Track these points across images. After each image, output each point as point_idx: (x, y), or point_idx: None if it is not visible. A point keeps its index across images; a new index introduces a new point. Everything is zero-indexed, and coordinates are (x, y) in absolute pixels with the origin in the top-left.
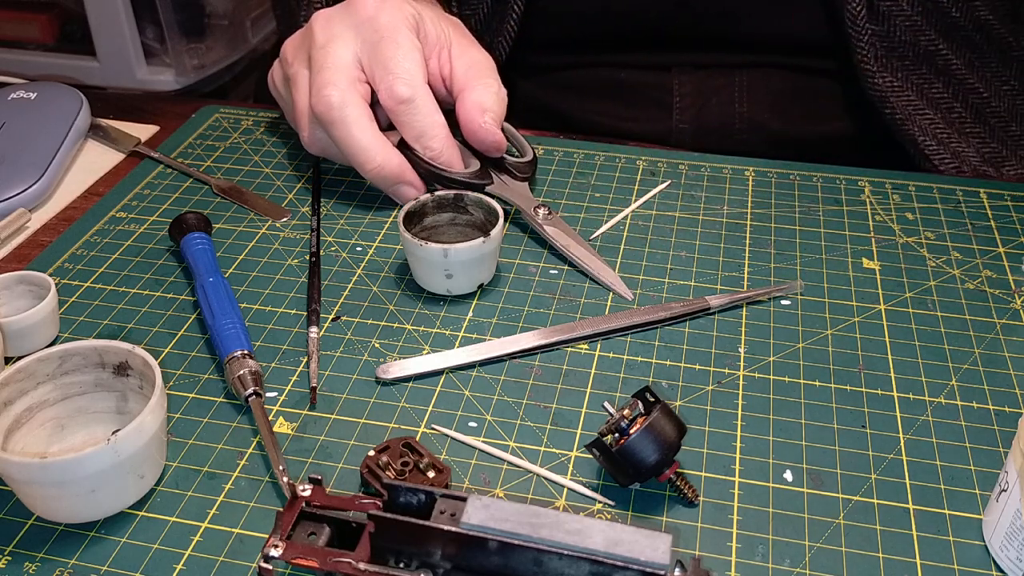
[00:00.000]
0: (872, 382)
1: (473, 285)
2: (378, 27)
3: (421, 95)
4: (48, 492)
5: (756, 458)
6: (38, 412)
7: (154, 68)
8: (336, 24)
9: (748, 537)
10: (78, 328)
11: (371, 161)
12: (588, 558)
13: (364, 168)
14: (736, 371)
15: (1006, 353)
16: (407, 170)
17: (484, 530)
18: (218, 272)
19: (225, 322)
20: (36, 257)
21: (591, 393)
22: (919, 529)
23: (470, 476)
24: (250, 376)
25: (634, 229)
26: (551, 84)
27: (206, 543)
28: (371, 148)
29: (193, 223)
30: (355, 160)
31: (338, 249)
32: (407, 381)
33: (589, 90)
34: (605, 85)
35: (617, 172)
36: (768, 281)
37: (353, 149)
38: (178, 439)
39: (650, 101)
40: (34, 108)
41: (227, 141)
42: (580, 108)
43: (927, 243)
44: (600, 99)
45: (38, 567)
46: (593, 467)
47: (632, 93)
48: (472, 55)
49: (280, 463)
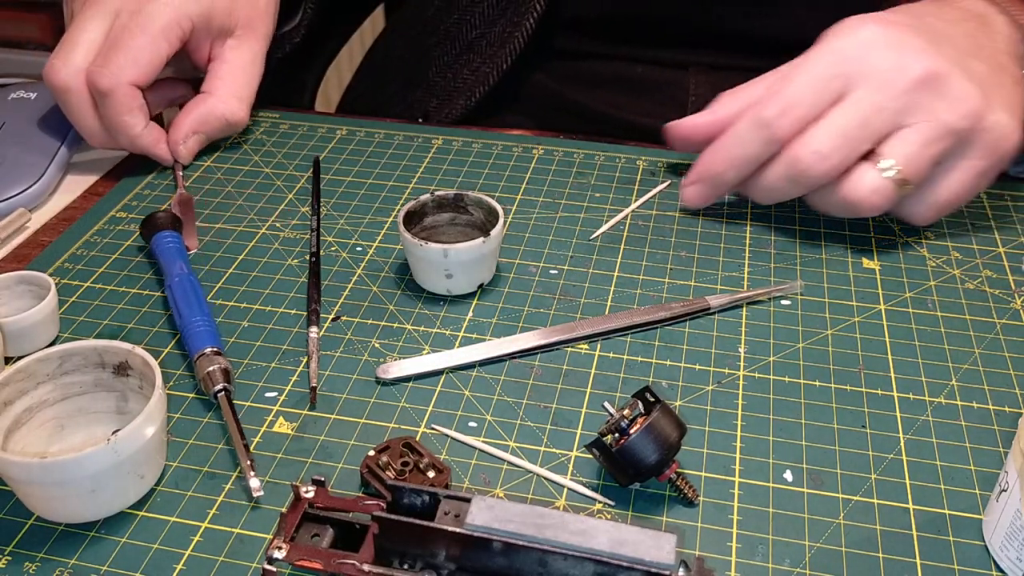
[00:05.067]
0: (872, 382)
1: (473, 285)
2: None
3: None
4: (48, 492)
5: (756, 458)
6: (38, 412)
7: None
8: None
9: (748, 537)
10: (78, 328)
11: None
12: (593, 558)
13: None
14: (736, 371)
15: (1006, 353)
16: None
17: (488, 531)
18: (187, 270)
19: (194, 320)
20: (36, 257)
21: (591, 393)
22: (919, 529)
23: (470, 476)
24: (219, 372)
25: (634, 229)
26: (567, 74)
27: (206, 543)
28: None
29: (163, 222)
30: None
31: (338, 249)
32: (407, 381)
33: (604, 82)
34: (621, 78)
35: (617, 172)
36: (768, 281)
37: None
38: (178, 439)
39: (665, 97)
40: (34, 108)
41: (227, 141)
42: (594, 99)
43: (927, 243)
44: (615, 92)
45: (38, 567)
46: (593, 467)
47: (647, 88)
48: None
49: (247, 459)
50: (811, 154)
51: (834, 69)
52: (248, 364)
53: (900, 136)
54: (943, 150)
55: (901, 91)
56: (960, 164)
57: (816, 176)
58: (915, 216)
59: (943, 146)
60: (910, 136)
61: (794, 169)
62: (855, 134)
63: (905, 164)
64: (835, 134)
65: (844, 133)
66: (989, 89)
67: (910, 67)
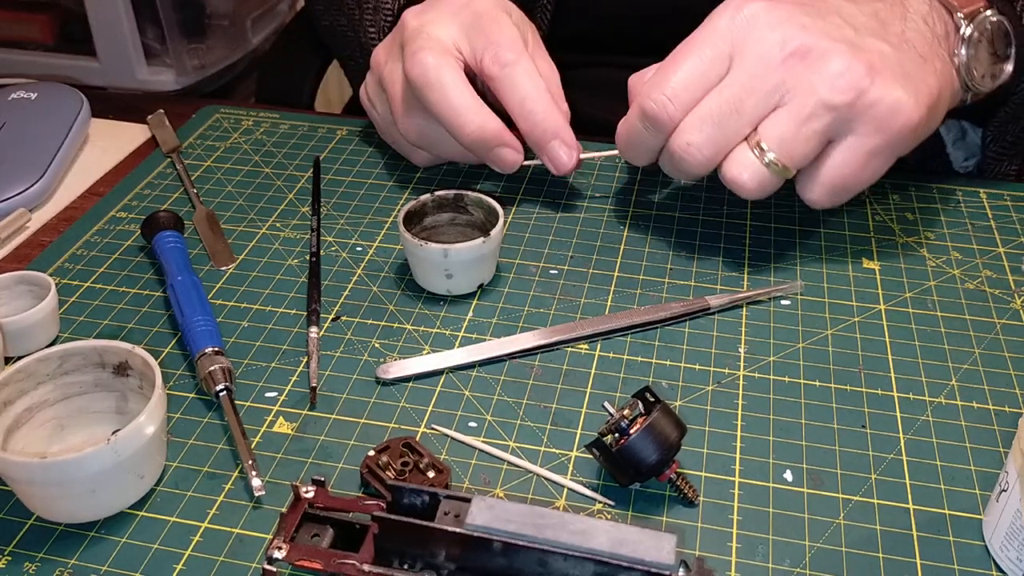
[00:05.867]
0: (872, 382)
1: (473, 285)
2: (476, 11)
3: (525, 59)
4: (48, 492)
5: (756, 458)
6: (38, 412)
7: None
8: (430, 12)
9: (748, 537)
10: (78, 328)
11: (470, 123)
12: (593, 558)
13: (463, 131)
14: (736, 371)
15: (1006, 353)
16: (505, 131)
17: (489, 531)
18: (189, 270)
19: (195, 320)
20: (36, 257)
21: (591, 393)
22: (919, 529)
23: (470, 476)
24: (221, 372)
25: (634, 229)
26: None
27: (206, 543)
28: (470, 109)
29: (164, 221)
30: (453, 123)
31: (338, 249)
32: (407, 381)
33: (601, 89)
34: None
35: (617, 172)
36: (768, 281)
37: (451, 112)
38: (178, 439)
39: None
40: (34, 108)
41: (227, 141)
42: (591, 105)
43: (927, 243)
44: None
45: (38, 567)
46: (593, 467)
47: None
48: (546, 69)
49: (249, 458)
50: (685, 146)
51: (714, 50)
52: (248, 364)
53: (774, 117)
54: (823, 128)
55: (773, 68)
56: (845, 142)
57: (695, 166)
58: (810, 199)
59: (821, 124)
60: (782, 116)
61: (673, 161)
62: (728, 121)
63: (779, 146)
64: (707, 122)
65: (716, 120)
66: (883, 65)
67: (785, 43)
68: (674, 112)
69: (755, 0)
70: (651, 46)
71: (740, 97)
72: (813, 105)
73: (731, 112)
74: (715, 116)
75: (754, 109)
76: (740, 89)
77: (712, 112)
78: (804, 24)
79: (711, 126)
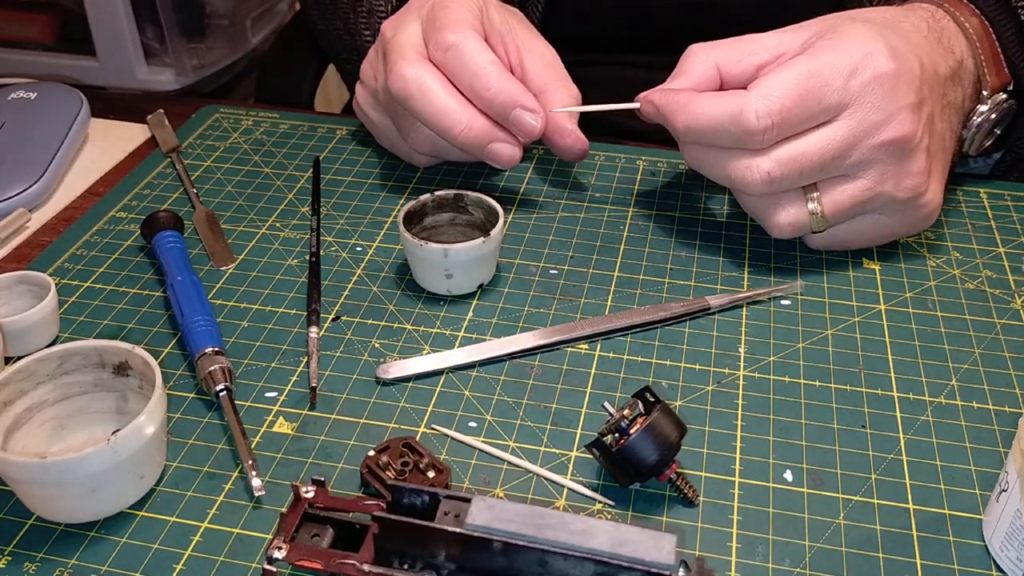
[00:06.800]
0: (872, 382)
1: (473, 285)
2: (434, 2)
3: (468, 37)
4: (48, 492)
5: (756, 458)
6: (38, 412)
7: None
8: (400, 18)
9: (748, 537)
10: (78, 328)
11: (456, 124)
12: (593, 558)
13: (452, 132)
14: (736, 371)
15: (1006, 353)
16: (496, 127)
17: (489, 531)
18: (189, 270)
19: (195, 320)
20: (36, 257)
21: (591, 393)
22: (919, 529)
23: (470, 476)
24: (221, 372)
25: (634, 229)
26: None
27: (206, 543)
28: (454, 111)
29: (164, 221)
30: (441, 126)
31: (338, 249)
32: (407, 381)
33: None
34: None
35: (617, 172)
36: (768, 281)
37: (436, 118)
38: (178, 439)
39: None
40: (34, 108)
41: (227, 141)
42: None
43: (927, 243)
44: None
45: (38, 567)
46: (593, 467)
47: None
48: (542, 50)
49: (250, 458)
50: (764, 174)
51: (835, 98)
52: (248, 364)
53: (840, 185)
54: (872, 208)
55: (870, 146)
56: (874, 218)
57: (755, 191)
58: (811, 241)
59: (873, 205)
60: (849, 190)
61: (735, 173)
62: (813, 173)
63: (831, 209)
64: (797, 164)
65: (801, 166)
66: (937, 168)
67: (890, 126)
68: (772, 138)
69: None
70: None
71: (834, 156)
72: (879, 192)
73: (819, 167)
74: (806, 164)
75: (835, 171)
76: (838, 149)
77: (806, 159)
78: (911, 104)
79: (797, 172)
